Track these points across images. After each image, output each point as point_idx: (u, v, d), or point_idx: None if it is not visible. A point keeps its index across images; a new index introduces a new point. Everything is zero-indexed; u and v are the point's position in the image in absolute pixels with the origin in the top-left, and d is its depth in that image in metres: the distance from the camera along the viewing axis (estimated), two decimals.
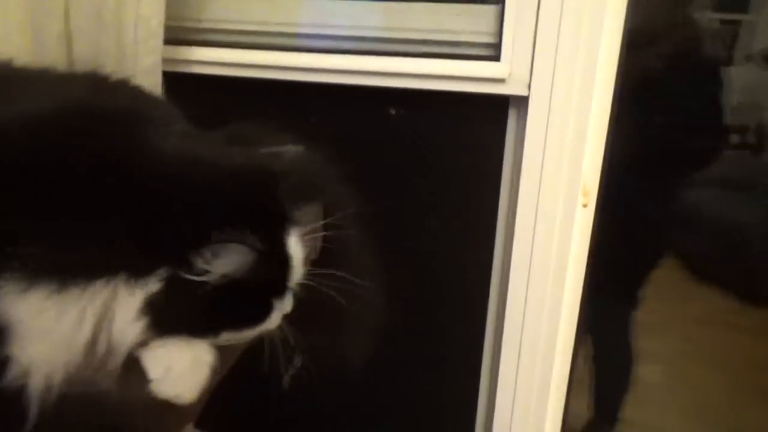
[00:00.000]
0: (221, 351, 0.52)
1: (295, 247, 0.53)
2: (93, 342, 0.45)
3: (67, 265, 0.42)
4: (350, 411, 1.27)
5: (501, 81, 0.90)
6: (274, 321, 0.54)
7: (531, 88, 0.89)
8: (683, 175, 1.45)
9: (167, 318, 0.44)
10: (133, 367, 0.47)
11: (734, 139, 2.01)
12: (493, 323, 1.07)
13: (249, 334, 0.52)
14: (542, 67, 0.87)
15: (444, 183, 1.04)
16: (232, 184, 0.49)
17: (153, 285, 0.44)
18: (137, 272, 0.43)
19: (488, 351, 1.09)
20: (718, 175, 1.65)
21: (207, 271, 0.44)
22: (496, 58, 0.91)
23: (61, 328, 0.43)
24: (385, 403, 1.24)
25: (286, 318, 0.72)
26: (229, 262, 0.44)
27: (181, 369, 0.47)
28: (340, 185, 0.83)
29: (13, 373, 0.43)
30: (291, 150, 0.56)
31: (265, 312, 0.51)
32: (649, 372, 1.80)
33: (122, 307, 0.43)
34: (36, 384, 0.43)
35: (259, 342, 0.59)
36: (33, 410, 0.43)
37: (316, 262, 0.87)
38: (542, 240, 0.93)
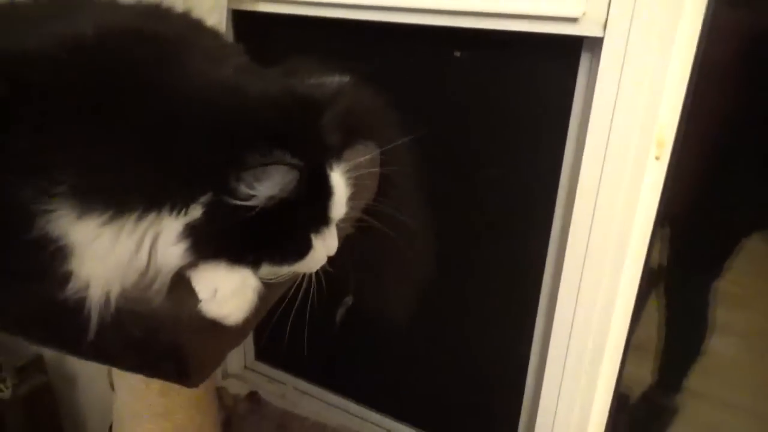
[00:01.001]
0: (266, 286, 0.54)
1: (338, 180, 0.53)
2: (147, 265, 0.47)
3: (117, 194, 0.44)
4: (404, 355, 1.30)
5: (574, 20, 0.84)
6: (316, 260, 0.55)
7: (606, 28, 0.83)
8: None
9: (206, 243, 0.46)
10: (185, 287, 0.50)
11: None
12: (549, 283, 1.05)
13: (288, 269, 0.53)
14: (620, 6, 0.80)
15: (507, 132, 1.01)
16: (269, 110, 0.48)
17: (195, 212, 0.45)
18: (182, 200, 0.45)
19: (543, 307, 1.07)
20: None
21: (252, 195, 0.45)
22: None
23: (117, 252, 0.46)
24: (435, 357, 1.26)
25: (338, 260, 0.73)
26: (272, 184, 0.45)
27: (228, 291, 0.49)
28: (393, 124, 0.82)
29: (74, 286, 0.46)
30: (336, 81, 0.55)
31: (304, 247, 0.52)
32: (723, 344, 1.71)
33: (167, 231, 0.45)
34: (94, 297, 0.46)
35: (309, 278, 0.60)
36: (93, 321, 0.47)
37: (371, 205, 0.87)
38: (607, 192, 0.89)
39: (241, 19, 1.19)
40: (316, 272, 0.60)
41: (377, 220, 0.84)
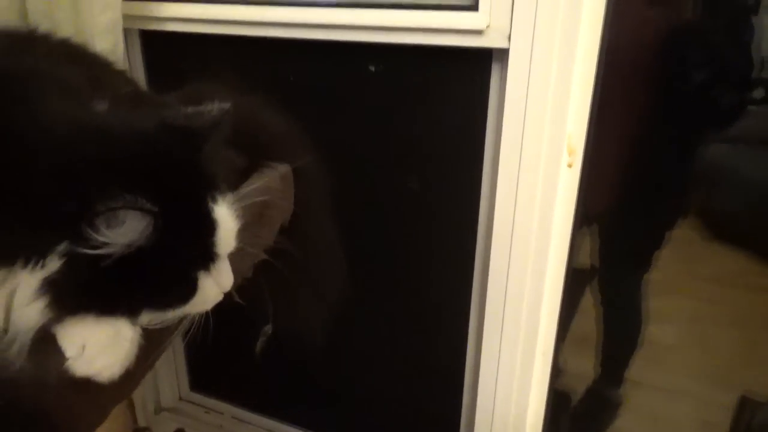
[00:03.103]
0: (153, 333, 0.50)
1: (224, 213, 0.50)
2: (3, 326, 0.43)
3: None
4: (338, 369, 1.28)
5: (479, 33, 0.84)
6: (207, 300, 0.51)
7: (511, 40, 0.83)
8: (703, 130, 1.37)
9: (70, 297, 0.42)
10: (52, 346, 0.46)
11: (759, 93, 1.89)
12: (478, 291, 1.04)
13: (176, 313, 0.49)
14: (522, 17, 0.80)
15: (427, 144, 1.00)
16: (133, 148, 0.45)
17: (53, 264, 0.41)
18: (37, 252, 0.41)
19: (474, 315, 1.06)
20: (743, 130, 1.56)
21: (106, 243, 0.41)
22: (475, 8, 0.84)
23: None
24: (370, 369, 1.24)
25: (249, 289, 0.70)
26: (126, 230, 0.41)
27: (97, 345, 0.45)
28: (303, 143, 0.79)
29: None
30: (216, 108, 0.51)
31: (189, 288, 0.48)
32: (660, 332, 1.76)
33: (22, 287, 0.41)
34: None
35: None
36: None
37: (284, 231, 0.84)
38: (524, 201, 0.89)
39: (150, 39, 1.14)
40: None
41: (293, 240, 0.81)
